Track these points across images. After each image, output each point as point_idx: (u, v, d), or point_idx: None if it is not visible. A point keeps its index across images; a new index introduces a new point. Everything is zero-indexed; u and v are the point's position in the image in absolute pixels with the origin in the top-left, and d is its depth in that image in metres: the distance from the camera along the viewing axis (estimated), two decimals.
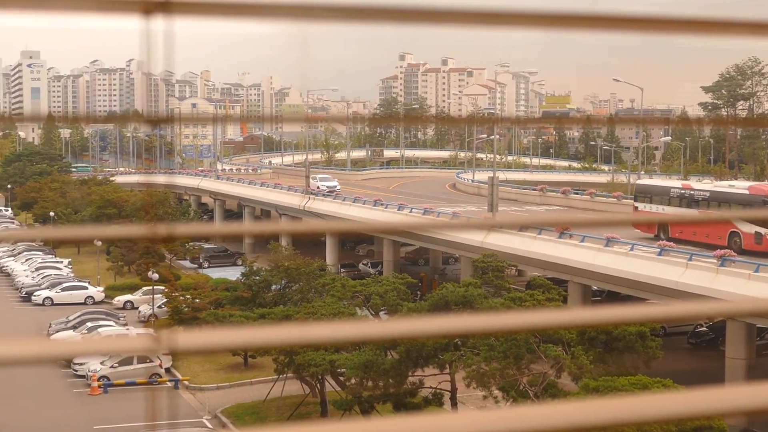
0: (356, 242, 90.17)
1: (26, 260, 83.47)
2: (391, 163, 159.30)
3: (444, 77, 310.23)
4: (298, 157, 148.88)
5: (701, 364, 49.96)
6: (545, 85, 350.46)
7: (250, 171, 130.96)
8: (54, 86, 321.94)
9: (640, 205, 59.00)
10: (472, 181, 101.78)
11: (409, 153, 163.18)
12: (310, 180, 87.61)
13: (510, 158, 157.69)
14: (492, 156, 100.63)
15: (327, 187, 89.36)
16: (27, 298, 70.56)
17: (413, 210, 68.95)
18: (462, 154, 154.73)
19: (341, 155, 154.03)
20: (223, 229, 2.76)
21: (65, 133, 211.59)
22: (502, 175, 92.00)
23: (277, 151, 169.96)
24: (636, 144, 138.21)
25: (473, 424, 2.13)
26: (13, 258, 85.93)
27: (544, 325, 2.55)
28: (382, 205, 73.65)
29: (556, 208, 79.61)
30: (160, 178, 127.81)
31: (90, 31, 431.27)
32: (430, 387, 38.69)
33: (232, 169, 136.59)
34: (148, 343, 2.15)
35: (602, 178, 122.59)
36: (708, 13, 2.41)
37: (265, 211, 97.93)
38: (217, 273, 73.70)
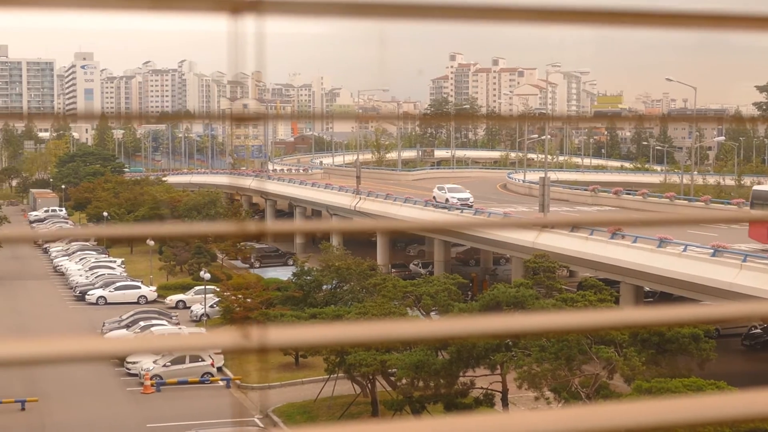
0: (407, 243, 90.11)
1: (80, 260, 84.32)
2: (441, 163, 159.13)
3: (495, 77, 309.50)
4: (349, 158, 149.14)
5: (756, 367, 49.42)
6: (597, 84, 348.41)
7: (301, 171, 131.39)
8: (107, 87, 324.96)
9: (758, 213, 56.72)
10: (523, 181, 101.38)
11: (460, 153, 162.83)
12: (436, 191, 78.01)
13: (561, 158, 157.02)
14: (543, 156, 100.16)
15: (459, 199, 75.26)
16: (81, 297, 71.25)
17: (464, 210, 68.78)
18: (513, 155, 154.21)
19: (392, 155, 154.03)
20: (307, 227, 2.77)
21: (118, 133, 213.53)
22: (553, 176, 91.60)
23: (328, 152, 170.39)
24: (689, 144, 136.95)
25: (526, 424, 2.12)
26: (67, 257, 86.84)
27: (595, 326, 2.53)
28: (432, 205, 73.58)
29: (607, 208, 79.07)
30: (212, 178, 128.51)
31: (142, 33, 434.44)
32: (481, 388, 38.58)
33: (283, 170, 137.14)
34: (238, 339, 2.15)
35: (654, 179, 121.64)
36: (764, 9, 2.37)
37: (315, 211, 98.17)
38: (268, 273, 73.95)
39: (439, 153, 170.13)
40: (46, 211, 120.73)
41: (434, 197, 76.69)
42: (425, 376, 37.43)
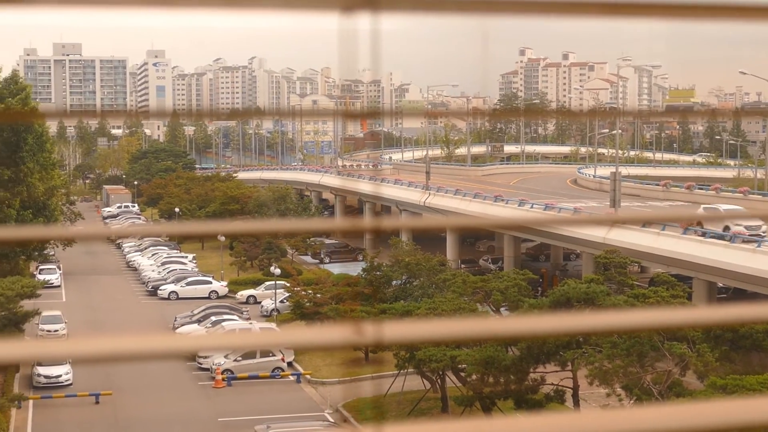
0: (476, 238, 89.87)
1: (152, 255, 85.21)
2: (511, 158, 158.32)
3: (565, 72, 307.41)
4: (418, 153, 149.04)
5: None
6: (669, 78, 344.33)
7: (371, 167, 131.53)
8: (178, 84, 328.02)
9: None
10: (594, 176, 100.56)
11: (530, 148, 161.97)
12: (706, 211, 53.99)
13: (633, 153, 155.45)
14: (614, 151, 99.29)
15: (746, 227, 52.78)
16: (153, 292, 72.03)
17: (534, 206, 68.45)
18: (583, 150, 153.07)
19: (461, 151, 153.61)
20: (425, 222, 2.77)
21: (189, 130, 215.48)
22: (624, 171, 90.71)
23: (397, 148, 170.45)
24: (763, 138, 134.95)
25: (600, 423, 2.10)
26: (140, 253, 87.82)
27: (668, 323, 2.51)
28: (502, 200, 73.29)
29: (680, 203, 78.18)
30: (282, 174, 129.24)
31: (213, 30, 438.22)
32: (552, 384, 38.38)
33: (352, 165, 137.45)
34: (351, 334, 2.15)
35: (728, 173, 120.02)
36: None
37: (385, 207, 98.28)
38: (338, 268, 74.18)
39: (509, 148, 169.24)
40: (119, 207, 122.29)
41: (698, 222, 53.13)
42: (495, 372, 37.32)
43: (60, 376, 46.35)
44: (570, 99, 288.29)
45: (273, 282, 61.10)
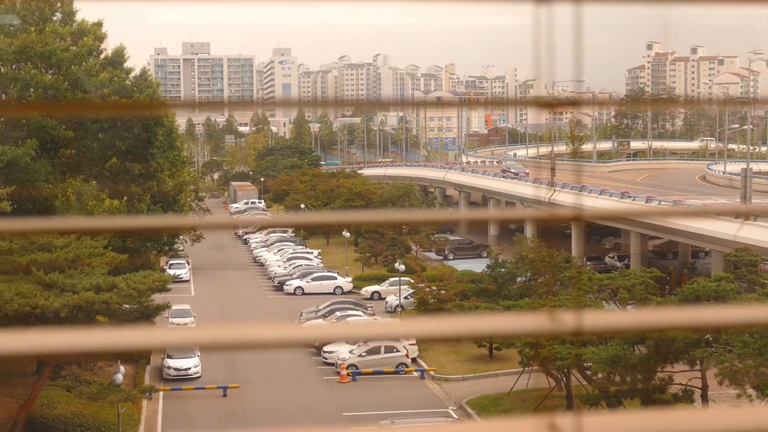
0: (602, 235, 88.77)
1: (278, 251, 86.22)
2: (638, 154, 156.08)
3: (693, 66, 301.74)
4: (543, 149, 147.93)
5: None
6: None
7: (495, 163, 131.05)
8: (304, 82, 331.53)
9: None
10: (724, 172, 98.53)
11: (657, 144, 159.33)
12: None
13: (764, 149, 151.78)
14: (745, 147, 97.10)
15: None
16: (279, 287, 72.87)
17: (661, 202, 67.34)
18: (713, 145, 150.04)
19: (586, 147, 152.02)
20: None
21: (314, 127, 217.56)
22: (755, 167, 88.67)
23: (522, 144, 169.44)
24: None
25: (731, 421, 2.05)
26: (266, 248, 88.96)
27: None
28: (629, 197, 72.30)
29: None
30: (406, 171, 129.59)
31: (338, 28, 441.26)
32: (680, 384, 37.74)
33: (476, 162, 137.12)
34: (547, 322, 2.14)
35: None
36: None
37: (509, 203, 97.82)
38: (462, 265, 74.02)
39: (635, 144, 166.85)
40: (246, 203, 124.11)
41: None
42: (622, 371, 36.84)
43: (189, 368, 47.27)
44: (699, 94, 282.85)
45: (397, 278, 61.29)
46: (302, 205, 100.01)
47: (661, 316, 2.17)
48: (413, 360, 50.31)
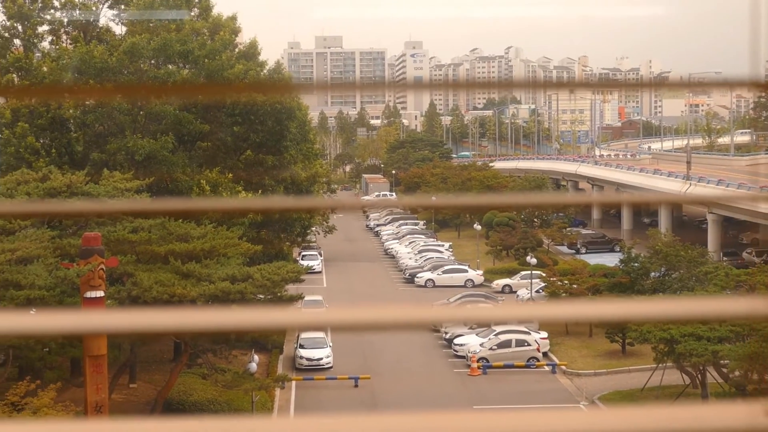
0: (739, 230, 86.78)
1: (410, 243, 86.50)
2: None
3: None
4: (678, 143, 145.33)
5: None
6: None
7: (629, 157, 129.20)
8: (435, 75, 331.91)
9: None
10: None
11: None
12: None
13: None
14: None
15: None
16: (410, 279, 73.09)
17: None
18: None
19: (723, 140, 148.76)
20: None
21: (446, 120, 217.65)
22: None
23: (657, 137, 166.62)
24: None
25: None
26: (397, 241, 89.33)
27: None
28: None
29: None
30: (538, 164, 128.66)
31: (469, 20, 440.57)
32: None
33: (610, 155, 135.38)
34: (753, 306, 2.08)
35: None
36: None
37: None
38: (594, 259, 73.14)
39: None
40: (378, 195, 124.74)
41: None
42: (760, 369, 35.97)
43: (321, 359, 47.76)
44: None
45: (529, 272, 60.91)
46: (433, 198, 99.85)
47: None
48: (544, 354, 49.95)
